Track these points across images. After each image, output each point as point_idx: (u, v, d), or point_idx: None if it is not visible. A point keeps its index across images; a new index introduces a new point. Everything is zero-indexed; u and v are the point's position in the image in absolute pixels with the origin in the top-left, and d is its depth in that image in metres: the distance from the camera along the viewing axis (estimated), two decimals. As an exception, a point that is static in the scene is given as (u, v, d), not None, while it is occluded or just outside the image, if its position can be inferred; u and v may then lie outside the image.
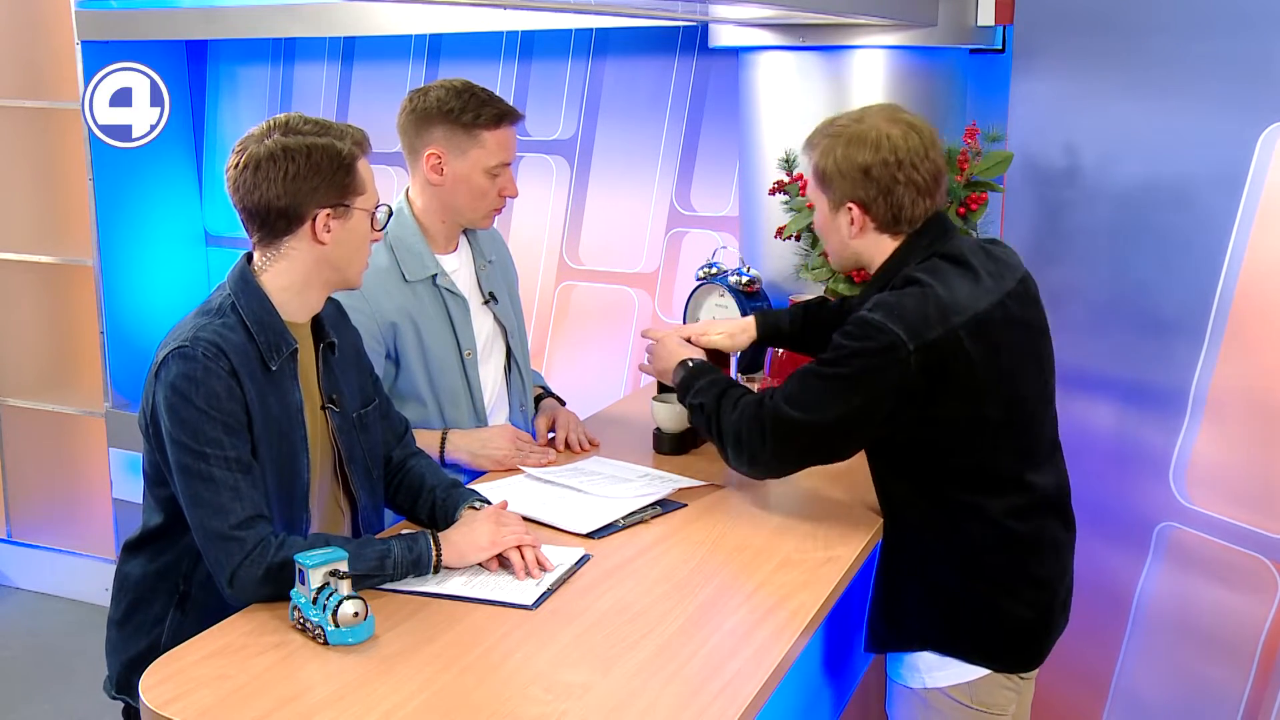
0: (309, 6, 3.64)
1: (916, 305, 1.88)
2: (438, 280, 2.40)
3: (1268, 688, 2.59)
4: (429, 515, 2.07)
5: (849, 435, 1.96)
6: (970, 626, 1.99)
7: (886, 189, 1.95)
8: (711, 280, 2.96)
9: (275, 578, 1.75)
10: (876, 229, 1.99)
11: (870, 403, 1.90)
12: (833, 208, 2.02)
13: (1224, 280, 2.56)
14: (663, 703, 1.55)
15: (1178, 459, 2.66)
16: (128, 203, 4.14)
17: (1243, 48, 2.50)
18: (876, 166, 1.94)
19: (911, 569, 2.02)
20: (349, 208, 1.88)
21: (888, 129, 1.96)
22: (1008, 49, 2.90)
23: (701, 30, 3.38)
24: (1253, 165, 2.50)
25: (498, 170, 2.37)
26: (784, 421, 1.94)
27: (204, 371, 1.77)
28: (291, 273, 1.89)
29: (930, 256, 1.97)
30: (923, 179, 1.96)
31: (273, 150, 1.82)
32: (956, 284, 1.92)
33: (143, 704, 1.54)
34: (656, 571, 1.94)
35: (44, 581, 4.49)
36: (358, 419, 2.03)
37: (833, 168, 1.98)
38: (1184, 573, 2.69)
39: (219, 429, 1.77)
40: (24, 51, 4.17)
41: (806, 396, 1.93)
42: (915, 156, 1.95)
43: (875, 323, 1.87)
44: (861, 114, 2.02)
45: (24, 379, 4.43)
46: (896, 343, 1.85)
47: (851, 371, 1.89)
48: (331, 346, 1.99)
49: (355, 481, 2.02)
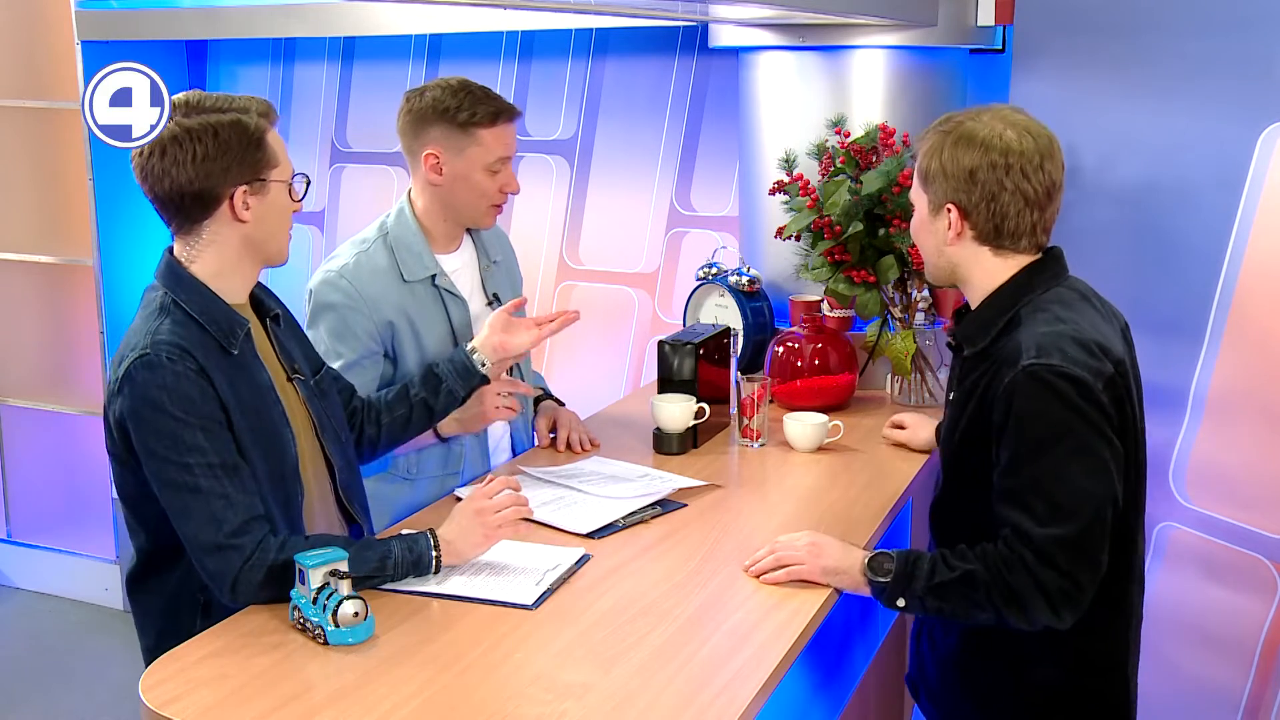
0: (309, 6, 3.64)
1: (1074, 338, 1.72)
2: (436, 280, 2.40)
3: (1268, 688, 2.59)
4: (433, 394, 2.19)
5: (1115, 482, 1.73)
6: None
7: (991, 195, 1.77)
8: (711, 280, 2.97)
9: (278, 578, 1.74)
10: (975, 239, 1.82)
11: (1109, 446, 1.71)
12: (932, 209, 1.84)
13: (1224, 280, 2.56)
14: (663, 703, 1.55)
15: (1178, 459, 2.66)
16: (128, 203, 4.13)
17: (1243, 48, 2.50)
18: (984, 169, 1.77)
19: (1010, 660, 1.84)
20: (265, 182, 1.83)
21: (1002, 129, 1.78)
22: (1008, 49, 2.90)
23: (701, 30, 3.38)
24: (1253, 165, 2.50)
25: (497, 167, 2.37)
26: (1063, 541, 1.67)
27: (173, 376, 1.72)
28: (221, 258, 1.85)
29: (1051, 289, 1.82)
30: (1033, 190, 1.78)
31: (176, 133, 1.78)
32: (1096, 320, 1.79)
33: (143, 704, 1.54)
34: (656, 571, 1.94)
35: (44, 581, 4.49)
36: (316, 385, 2.01)
37: (936, 166, 1.81)
38: (1184, 573, 2.69)
39: (198, 435, 1.73)
40: (24, 51, 4.17)
41: (1057, 496, 1.68)
42: (1027, 163, 1.77)
43: (1050, 374, 1.69)
44: (978, 112, 1.83)
45: (24, 379, 4.43)
46: (1084, 380, 1.68)
47: (1071, 431, 1.69)
48: (277, 319, 1.98)
49: (329, 446, 1.99)
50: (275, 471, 1.86)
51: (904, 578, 1.77)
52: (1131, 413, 1.78)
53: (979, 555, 1.73)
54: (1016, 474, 1.71)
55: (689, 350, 2.55)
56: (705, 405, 2.53)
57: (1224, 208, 2.53)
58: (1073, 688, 1.84)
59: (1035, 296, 1.81)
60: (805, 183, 2.76)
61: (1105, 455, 1.70)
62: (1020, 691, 1.86)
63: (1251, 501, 2.58)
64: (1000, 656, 1.85)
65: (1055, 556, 1.67)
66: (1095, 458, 1.69)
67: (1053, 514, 1.67)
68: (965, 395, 1.84)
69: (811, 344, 2.77)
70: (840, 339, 2.81)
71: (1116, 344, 1.78)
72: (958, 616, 1.78)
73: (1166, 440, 2.66)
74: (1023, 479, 1.70)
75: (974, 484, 1.82)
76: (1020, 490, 1.70)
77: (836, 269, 2.71)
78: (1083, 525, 1.67)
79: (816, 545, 1.88)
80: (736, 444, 2.58)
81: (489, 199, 2.40)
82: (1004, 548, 1.70)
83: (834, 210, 2.67)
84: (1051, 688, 1.84)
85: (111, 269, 4.13)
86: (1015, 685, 1.86)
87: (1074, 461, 1.68)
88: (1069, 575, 1.67)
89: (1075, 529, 1.67)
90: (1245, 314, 2.54)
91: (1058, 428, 1.69)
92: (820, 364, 2.76)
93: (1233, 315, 2.56)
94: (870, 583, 1.81)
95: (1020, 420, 1.70)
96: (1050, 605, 1.68)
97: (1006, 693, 1.87)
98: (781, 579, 1.87)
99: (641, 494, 2.22)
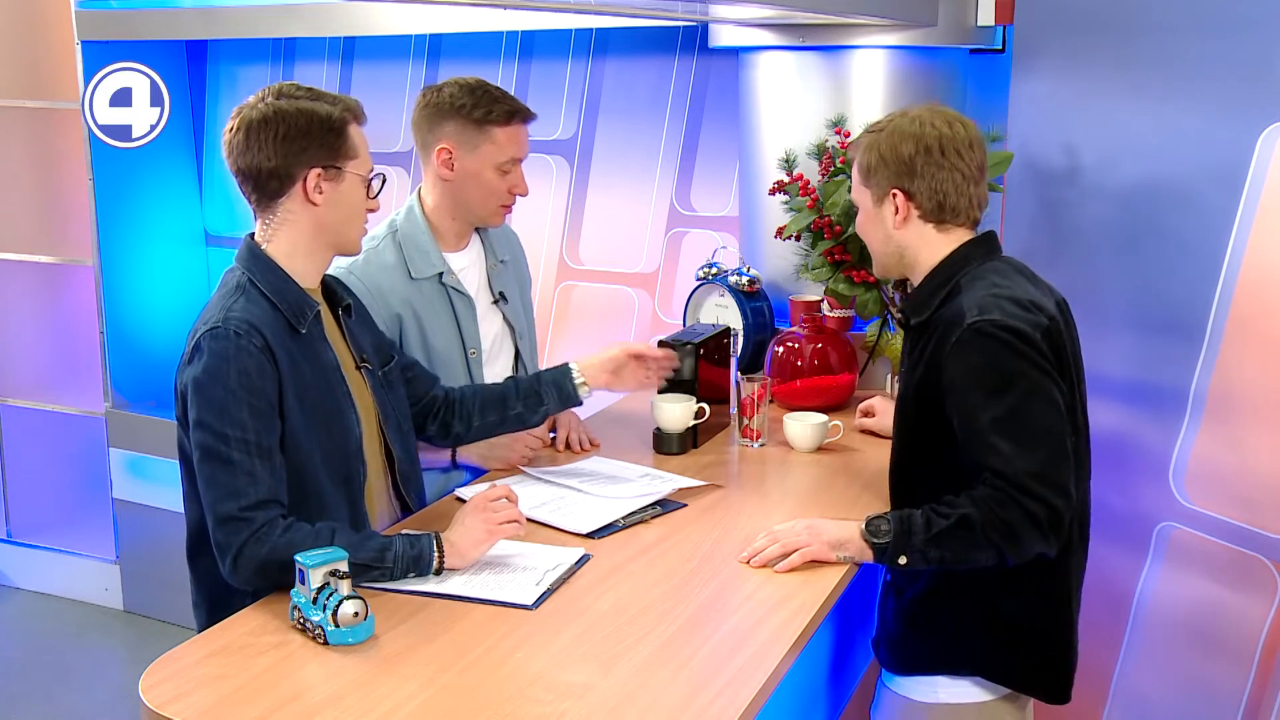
0: (309, 6, 3.64)
1: (1010, 298, 1.86)
2: (444, 278, 2.41)
3: (1268, 688, 2.59)
4: (531, 410, 2.27)
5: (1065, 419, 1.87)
6: (1033, 659, 1.97)
7: (931, 175, 1.93)
8: (711, 280, 2.97)
9: (279, 564, 1.76)
10: (921, 218, 1.97)
11: (1055, 386, 1.85)
12: (876, 201, 1.99)
13: (1224, 280, 2.56)
14: (663, 703, 1.55)
15: (1178, 459, 2.66)
16: (128, 203, 4.14)
17: (1243, 48, 2.50)
18: (920, 154, 1.93)
19: (973, 598, 1.95)
20: (340, 170, 1.91)
21: (930, 118, 1.95)
22: (1008, 49, 2.89)
23: (701, 30, 3.38)
24: (1253, 165, 2.50)
25: (508, 167, 2.38)
26: (1035, 473, 1.80)
27: (236, 349, 1.81)
28: (294, 237, 1.93)
29: (986, 263, 1.96)
30: (967, 167, 1.95)
31: (265, 114, 1.88)
32: (1026, 285, 1.93)
33: (143, 704, 1.54)
34: (656, 571, 1.94)
35: (44, 581, 4.49)
36: (384, 376, 2.09)
37: (876, 159, 1.96)
38: (1184, 573, 2.69)
39: (245, 410, 1.80)
40: (24, 51, 4.17)
41: (1020, 435, 1.81)
42: (960, 145, 1.94)
43: (993, 328, 1.83)
44: (904, 111, 2.01)
45: (24, 379, 4.43)
46: (1024, 330, 1.83)
47: (1022, 375, 1.82)
48: (348, 309, 2.06)
49: (391, 436, 2.07)
50: (338, 449, 1.93)
51: (903, 535, 1.88)
52: (1069, 363, 1.93)
53: (968, 500, 1.84)
54: (976, 421, 1.84)
55: (689, 350, 2.55)
56: (705, 405, 2.53)
57: (1224, 208, 2.53)
58: (1031, 617, 1.96)
59: (972, 268, 1.95)
60: (805, 183, 2.76)
61: (1055, 395, 1.84)
62: (983, 624, 1.96)
63: (1251, 501, 2.57)
64: (969, 594, 1.95)
65: (1032, 486, 1.80)
66: (1046, 396, 1.83)
67: (1019, 450, 1.80)
68: (915, 362, 1.98)
69: (811, 344, 2.77)
70: (840, 339, 2.81)
71: (1049, 304, 1.92)
72: (959, 562, 1.87)
73: (1166, 440, 2.66)
74: (984, 424, 1.83)
75: (926, 446, 1.96)
76: (984, 433, 1.83)
77: (836, 269, 2.71)
78: (1047, 456, 1.81)
79: (813, 526, 1.98)
80: (736, 444, 2.58)
81: (498, 198, 2.41)
82: (988, 489, 1.82)
83: (834, 210, 2.67)
84: (1015, 619, 1.95)
85: (111, 269, 4.13)
86: (982, 618, 1.96)
87: (1028, 401, 1.82)
88: (1046, 502, 1.80)
89: (1040, 461, 1.80)
90: (1245, 314, 2.54)
91: (1007, 374, 1.82)
92: (820, 364, 2.76)
93: (1233, 315, 2.55)
94: (871, 545, 1.91)
95: (973, 372, 1.84)
96: (1041, 532, 1.81)
97: (969, 627, 1.97)
98: (797, 562, 1.93)
99: (641, 494, 2.22)
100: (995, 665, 1.97)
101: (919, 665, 2.02)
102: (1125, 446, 2.72)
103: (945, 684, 2.00)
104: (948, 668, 2.00)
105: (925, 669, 2.02)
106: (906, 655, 2.04)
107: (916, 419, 1.98)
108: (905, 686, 2.04)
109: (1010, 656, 1.97)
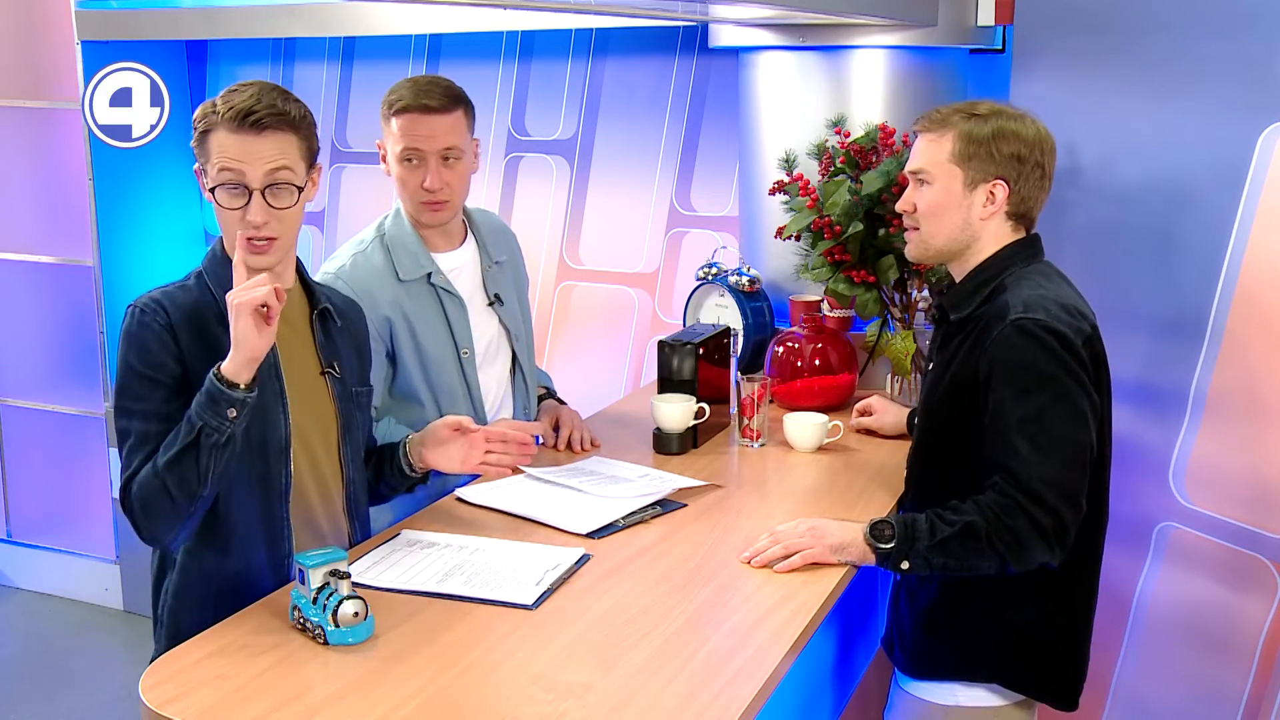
0: (309, 6, 3.64)
1: (1056, 301, 1.87)
2: (432, 279, 2.40)
3: (1268, 688, 2.59)
4: (377, 466, 2.18)
5: (1091, 432, 1.86)
6: (1050, 668, 1.97)
7: (1030, 175, 1.93)
8: (711, 280, 2.97)
9: (157, 491, 1.76)
10: (1006, 215, 1.96)
11: (1087, 397, 1.84)
12: (968, 184, 1.94)
13: (1224, 280, 2.56)
14: (663, 703, 1.55)
15: (1178, 459, 2.66)
16: (128, 203, 4.14)
17: (1243, 48, 2.50)
18: (1034, 151, 1.93)
19: (991, 606, 1.94)
20: (206, 175, 1.92)
21: (1033, 119, 1.95)
22: (1008, 49, 2.89)
23: (701, 30, 3.38)
24: (1253, 165, 2.50)
25: (408, 156, 2.32)
26: (1048, 481, 1.79)
27: (139, 326, 1.84)
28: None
29: (1031, 264, 1.97)
30: (1049, 174, 1.96)
31: None
32: (1069, 291, 1.95)
33: (143, 704, 1.54)
34: (656, 571, 1.94)
35: (44, 581, 4.49)
36: (353, 393, 2.05)
37: (983, 150, 1.92)
38: (1184, 573, 2.69)
39: (144, 384, 1.82)
40: (24, 51, 4.17)
41: (1040, 439, 1.80)
42: (1052, 151, 1.95)
43: (1036, 327, 1.82)
44: (992, 102, 2.00)
45: (24, 379, 4.43)
46: (1066, 334, 1.83)
47: (1055, 379, 1.82)
48: (325, 313, 2.01)
49: (346, 453, 2.01)
50: (254, 443, 1.86)
51: (906, 540, 1.85)
52: (1104, 376, 1.92)
53: (973, 506, 1.83)
54: (1003, 418, 1.82)
55: (689, 350, 2.55)
56: (705, 405, 2.53)
57: (1224, 208, 2.53)
58: (1046, 627, 1.95)
59: (1018, 269, 1.95)
60: (805, 183, 2.76)
61: (1084, 405, 1.83)
62: (1000, 632, 1.95)
63: (1251, 501, 2.57)
64: (982, 602, 1.94)
65: (1043, 495, 1.78)
66: (1074, 406, 1.82)
67: (1037, 454, 1.79)
68: (949, 357, 1.95)
69: (811, 344, 2.77)
70: (840, 339, 2.81)
71: (1090, 313, 1.93)
72: (962, 569, 1.86)
73: (1166, 440, 2.66)
74: (1008, 422, 1.81)
75: (951, 442, 1.94)
76: (1006, 433, 1.81)
77: (836, 269, 2.71)
78: (1063, 465, 1.80)
79: (816, 528, 1.95)
80: (736, 444, 2.58)
81: (410, 194, 2.35)
82: (996, 494, 1.81)
83: (834, 210, 2.67)
84: (1029, 628, 1.95)
85: (111, 269, 4.13)
86: (996, 627, 1.95)
87: (1056, 407, 1.81)
88: (1056, 513, 1.78)
89: (1056, 470, 1.79)
90: (1245, 314, 2.54)
91: (1042, 376, 1.81)
92: (820, 364, 2.76)
93: (1233, 315, 2.55)
94: (874, 549, 1.88)
95: (1008, 368, 1.83)
96: (1047, 542, 1.79)
97: (986, 635, 1.96)
98: (797, 564, 1.91)
99: (641, 494, 2.22)
100: (1012, 673, 1.96)
101: (936, 671, 2.01)
102: (1126, 446, 2.72)
103: (962, 689, 1.99)
104: (965, 674, 1.98)
105: (942, 675, 2.01)
106: (923, 661, 2.03)
107: (943, 414, 1.96)
108: (921, 689, 2.04)
109: (1028, 665, 1.96)
